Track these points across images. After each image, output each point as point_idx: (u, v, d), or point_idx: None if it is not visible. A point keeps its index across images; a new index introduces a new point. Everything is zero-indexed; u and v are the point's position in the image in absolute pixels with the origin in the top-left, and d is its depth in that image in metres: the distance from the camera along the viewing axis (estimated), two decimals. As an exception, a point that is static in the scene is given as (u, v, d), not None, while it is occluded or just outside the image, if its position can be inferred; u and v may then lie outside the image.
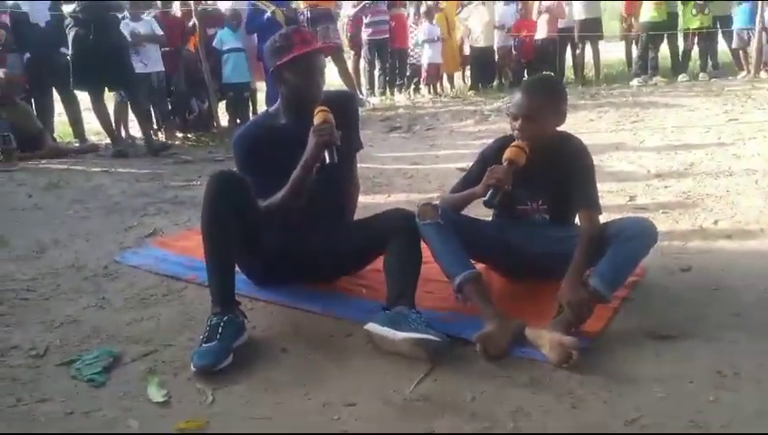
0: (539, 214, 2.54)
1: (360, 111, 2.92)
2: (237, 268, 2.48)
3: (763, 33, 9.13)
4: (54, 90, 7.01)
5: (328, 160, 2.31)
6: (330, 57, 8.01)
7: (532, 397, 1.86)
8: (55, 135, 7.17)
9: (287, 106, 2.59)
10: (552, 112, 2.42)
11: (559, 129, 2.51)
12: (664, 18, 9.81)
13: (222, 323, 2.17)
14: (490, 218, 2.70)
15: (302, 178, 2.39)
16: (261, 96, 8.38)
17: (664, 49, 10.25)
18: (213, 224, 2.30)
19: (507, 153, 2.37)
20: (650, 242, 2.28)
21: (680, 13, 10.00)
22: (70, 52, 6.13)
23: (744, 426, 1.66)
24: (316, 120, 2.36)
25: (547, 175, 2.43)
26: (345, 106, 2.63)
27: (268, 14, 7.51)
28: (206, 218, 2.30)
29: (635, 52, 10.50)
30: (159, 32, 7.18)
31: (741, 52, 9.78)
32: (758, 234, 3.05)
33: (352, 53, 10.62)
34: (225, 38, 7.65)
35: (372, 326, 2.15)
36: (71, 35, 6.01)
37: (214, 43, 7.64)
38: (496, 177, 2.31)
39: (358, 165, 2.83)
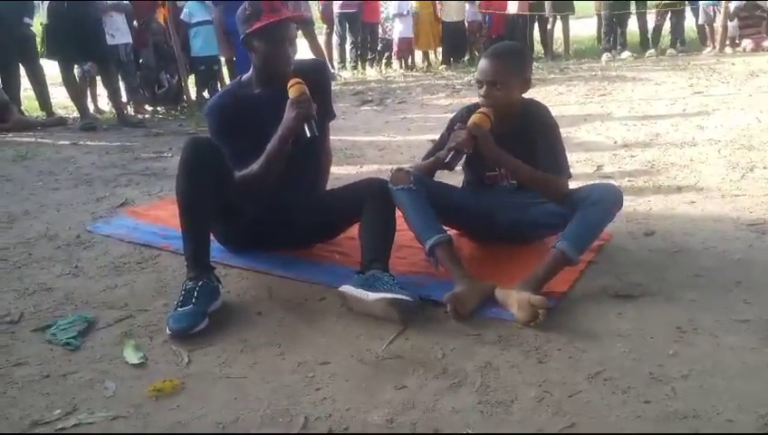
0: (507, 181, 2.59)
1: (332, 84, 2.94)
2: (212, 236, 2.51)
3: (729, 9, 9.27)
4: (20, 62, 6.87)
5: (309, 134, 2.33)
6: (300, 31, 7.95)
7: (500, 353, 1.92)
8: (22, 109, 7.04)
9: (258, 75, 2.59)
10: (515, 78, 2.45)
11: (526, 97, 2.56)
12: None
13: (197, 288, 2.19)
14: (460, 185, 2.75)
15: (279, 149, 2.40)
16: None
17: (633, 25, 10.35)
18: (188, 188, 2.31)
19: (472, 119, 2.41)
20: (616, 206, 2.34)
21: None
22: (41, 21, 6.03)
23: (702, 377, 1.74)
24: (292, 92, 2.36)
25: (515, 141, 2.46)
26: (317, 76, 2.64)
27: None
28: (181, 183, 2.31)
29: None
30: (125, 1, 7.05)
31: (707, 27, 9.92)
32: (719, 200, 3.15)
33: (324, 26, 10.55)
34: (193, 11, 7.54)
35: (346, 288, 2.19)
36: (45, 5, 5.92)
37: (182, 16, 7.53)
38: (457, 140, 2.37)
39: (330, 137, 2.86)
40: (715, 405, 1.62)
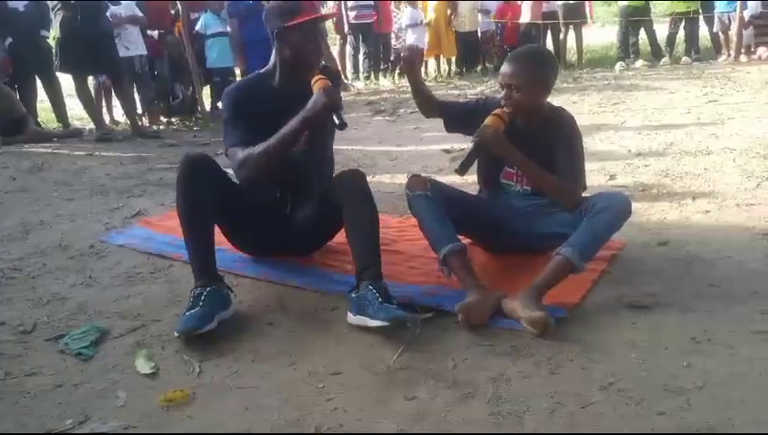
0: (521, 185, 2.58)
1: (343, 95, 2.92)
2: (228, 246, 2.56)
3: (744, 17, 9.22)
4: (36, 74, 6.95)
5: (338, 122, 2.30)
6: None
7: (512, 364, 1.91)
8: (38, 120, 7.12)
9: (284, 69, 2.53)
10: (533, 83, 2.43)
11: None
12: (643, 3, 9.84)
13: (205, 293, 2.20)
14: (476, 192, 2.75)
15: (298, 131, 2.35)
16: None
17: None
18: (186, 204, 2.34)
19: (487, 120, 2.42)
20: (622, 214, 2.31)
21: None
22: (54, 35, 6.11)
23: (717, 389, 1.72)
24: (317, 86, 2.33)
25: (534, 145, 2.45)
26: (332, 82, 2.62)
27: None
28: (179, 199, 2.35)
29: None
30: (140, 14, 7.12)
31: (721, 35, 9.87)
32: (734, 209, 3.12)
33: (338, 37, 10.59)
34: (208, 23, 7.59)
35: (350, 318, 2.19)
36: (57, 19, 5.99)
37: (197, 28, 7.58)
38: (457, 165, 2.41)
39: (343, 147, 2.85)
40: (731, 417, 1.60)
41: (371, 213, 2.39)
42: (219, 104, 7.74)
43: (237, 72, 7.98)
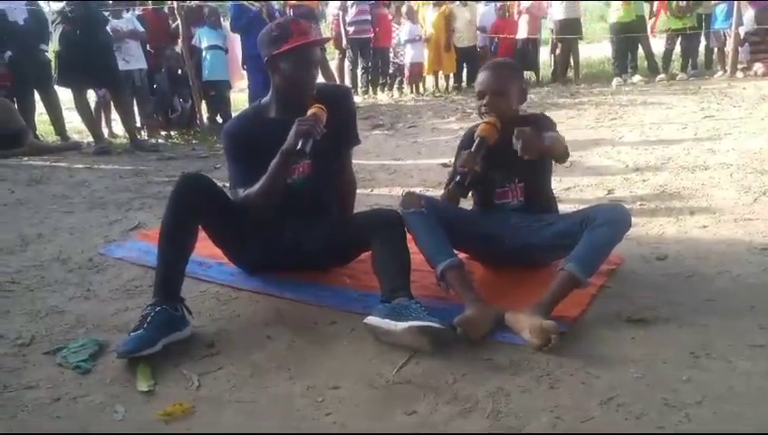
0: (515, 198, 2.59)
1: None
2: (226, 260, 2.58)
3: (739, 34, 9.28)
4: (35, 88, 6.97)
5: (299, 147, 2.29)
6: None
7: (511, 378, 1.90)
8: (37, 133, 7.13)
9: (279, 98, 2.55)
10: (514, 87, 2.51)
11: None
12: (633, 19, 9.88)
13: (153, 314, 2.17)
14: (470, 207, 2.75)
15: (279, 165, 2.37)
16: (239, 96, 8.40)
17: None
18: (172, 221, 2.33)
19: (478, 131, 2.43)
20: (623, 226, 2.32)
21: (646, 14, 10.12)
22: (54, 48, 6.15)
23: (716, 403, 1.72)
24: (308, 113, 2.36)
25: (513, 150, 2.45)
26: (340, 101, 2.61)
27: (254, 10, 7.46)
28: (166, 214, 2.34)
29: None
30: (141, 28, 7.17)
31: (717, 51, 9.93)
32: (732, 224, 3.13)
33: (337, 52, 10.64)
34: (203, 36, 7.63)
35: (371, 320, 2.15)
36: (57, 32, 6.03)
37: (193, 41, 7.62)
38: (461, 162, 2.41)
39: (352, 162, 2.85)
40: (730, 431, 1.60)
41: (406, 250, 2.38)
42: (218, 118, 7.79)
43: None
